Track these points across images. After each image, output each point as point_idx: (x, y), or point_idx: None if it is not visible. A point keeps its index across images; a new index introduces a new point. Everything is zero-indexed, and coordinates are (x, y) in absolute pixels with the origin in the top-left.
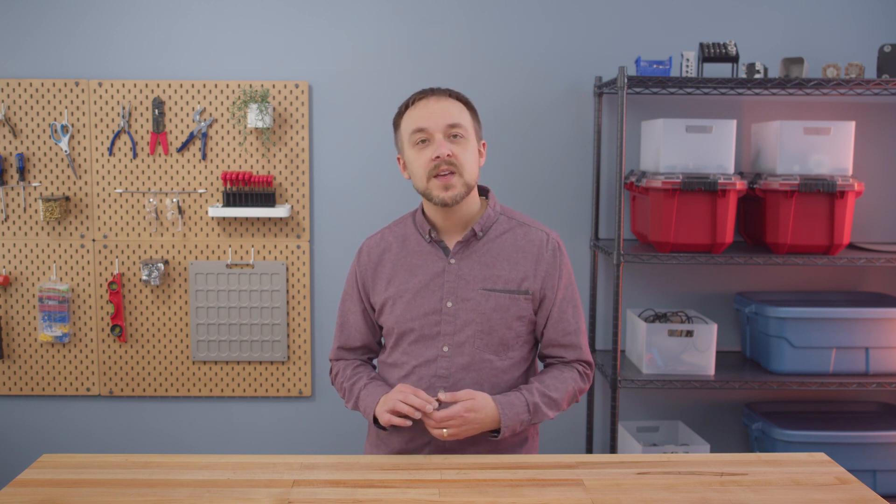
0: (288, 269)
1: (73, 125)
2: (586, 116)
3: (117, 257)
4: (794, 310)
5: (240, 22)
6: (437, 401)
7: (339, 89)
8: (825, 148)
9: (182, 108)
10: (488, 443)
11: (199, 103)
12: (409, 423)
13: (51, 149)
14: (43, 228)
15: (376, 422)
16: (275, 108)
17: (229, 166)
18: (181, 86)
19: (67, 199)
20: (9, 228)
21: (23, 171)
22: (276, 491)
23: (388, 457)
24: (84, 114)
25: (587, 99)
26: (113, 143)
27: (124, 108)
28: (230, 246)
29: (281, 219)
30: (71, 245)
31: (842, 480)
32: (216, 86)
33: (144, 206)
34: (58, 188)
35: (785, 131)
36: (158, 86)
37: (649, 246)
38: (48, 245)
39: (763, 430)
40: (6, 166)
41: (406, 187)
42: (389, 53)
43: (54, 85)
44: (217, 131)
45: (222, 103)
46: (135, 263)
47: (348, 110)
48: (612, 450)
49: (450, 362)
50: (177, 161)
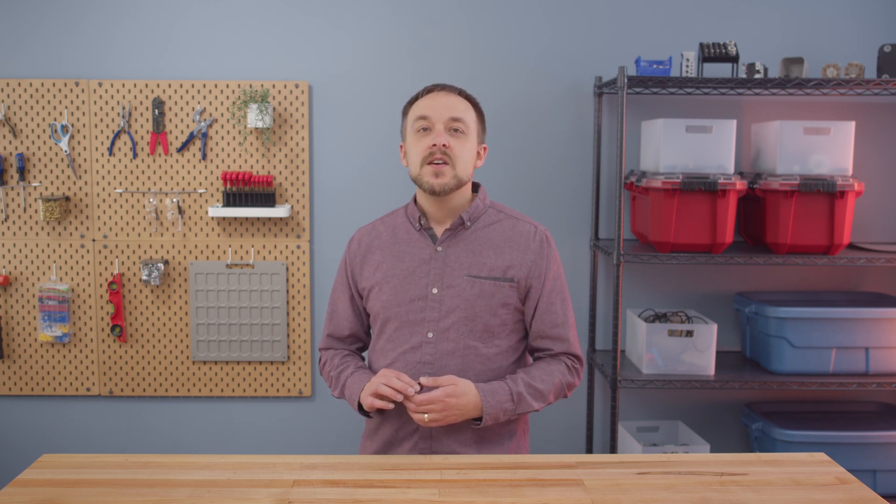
0: (288, 269)
1: (73, 125)
2: (586, 116)
3: (117, 257)
4: (794, 310)
5: (240, 22)
6: (419, 385)
7: (339, 89)
8: (825, 148)
9: (182, 108)
10: (472, 431)
11: (199, 103)
12: (391, 405)
13: (51, 149)
14: (43, 228)
15: (361, 409)
16: (275, 108)
17: (229, 166)
18: (181, 86)
19: (67, 199)
20: (9, 228)
21: (23, 171)
22: (276, 491)
23: (388, 457)
24: (84, 114)
25: (587, 99)
26: (113, 143)
27: (124, 108)
28: (230, 246)
29: (281, 219)
30: (71, 245)
31: (842, 480)
32: (216, 86)
33: (144, 206)
34: (58, 188)
35: (785, 131)
36: (158, 86)
37: (649, 246)
38: (48, 245)
39: (763, 430)
40: (6, 166)
41: (406, 187)
42: (389, 53)
43: (54, 85)
44: (217, 131)
45: (222, 103)
46: (135, 263)
47: (348, 110)
48: (612, 450)
49: (434, 348)
50: (177, 161)
